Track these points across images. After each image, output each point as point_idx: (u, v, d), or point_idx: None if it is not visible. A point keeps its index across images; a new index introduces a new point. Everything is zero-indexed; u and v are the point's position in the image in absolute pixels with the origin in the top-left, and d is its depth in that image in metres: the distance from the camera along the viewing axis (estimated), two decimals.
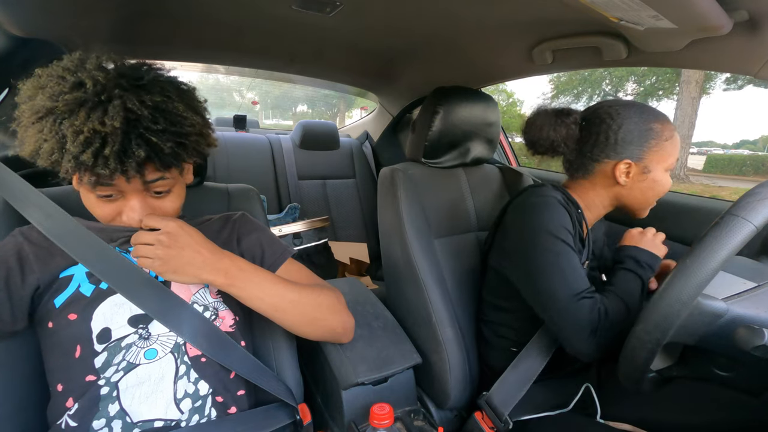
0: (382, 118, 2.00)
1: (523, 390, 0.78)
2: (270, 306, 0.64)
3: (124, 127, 0.51)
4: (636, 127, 0.75)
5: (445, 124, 1.05)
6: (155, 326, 0.61)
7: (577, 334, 0.68)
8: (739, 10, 0.65)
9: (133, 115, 0.51)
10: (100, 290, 0.61)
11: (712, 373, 0.58)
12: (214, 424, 0.63)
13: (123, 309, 0.60)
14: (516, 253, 0.78)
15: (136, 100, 0.51)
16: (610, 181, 0.78)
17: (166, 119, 0.54)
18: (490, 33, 1.06)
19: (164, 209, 0.62)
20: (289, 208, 1.75)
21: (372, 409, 0.61)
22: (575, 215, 0.77)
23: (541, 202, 0.76)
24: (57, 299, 0.59)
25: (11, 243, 0.61)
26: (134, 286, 0.60)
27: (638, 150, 0.75)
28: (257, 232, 0.75)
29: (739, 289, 0.55)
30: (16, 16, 0.74)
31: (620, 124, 0.75)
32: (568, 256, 0.71)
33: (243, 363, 0.65)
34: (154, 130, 0.52)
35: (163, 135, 0.53)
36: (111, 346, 0.58)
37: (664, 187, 0.78)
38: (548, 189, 0.79)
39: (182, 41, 1.29)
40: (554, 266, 0.71)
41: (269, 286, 0.64)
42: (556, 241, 0.71)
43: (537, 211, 0.75)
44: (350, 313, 0.75)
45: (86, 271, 0.61)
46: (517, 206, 0.81)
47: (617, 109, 0.77)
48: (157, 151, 0.53)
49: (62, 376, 0.59)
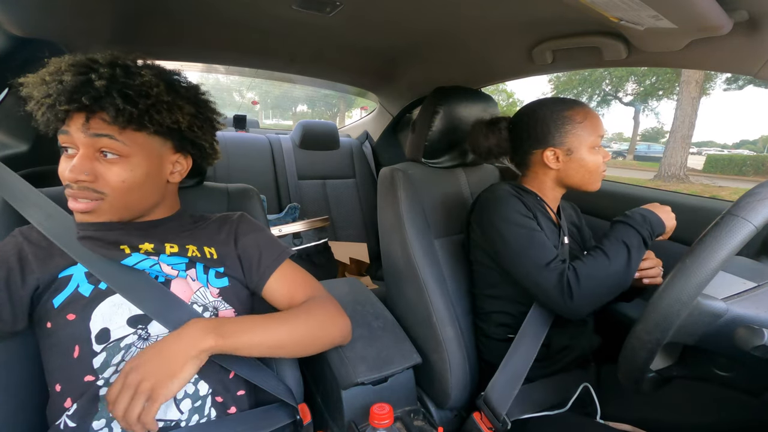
0: (382, 118, 2.00)
1: (516, 386, 0.78)
2: (270, 348, 0.62)
3: (88, 74, 0.54)
4: (550, 118, 0.85)
5: (445, 124, 1.05)
6: (154, 327, 0.61)
7: (550, 299, 0.75)
8: (739, 10, 0.65)
9: (106, 71, 0.55)
10: (99, 290, 0.60)
11: (712, 373, 0.58)
12: (214, 424, 0.63)
13: (122, 309, 0.60)
14: (489, 244, 0.86)
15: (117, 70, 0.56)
16: (545, 168, 0.88)
17: (127, 75, 0.56)
18: (490, 33, 1.06)
19: (107, 176, 0.58)
20: (289, 208, 1.75)
21: (372, 409, 0.61)
22: (532, 202, 0.86)
23: (492, 197, 0.86)
24: (56, 299, 0.59)
25: (11, 243, 0.61)
26: (133, 285, 0.60)
27: (557, 136, 0.84)
28: (255, 233, 0.74)
29: (739, 289, 0.55)
30: (16, 16, 0.74)
31: (536, 119, 0.87)
32: (529, 234, 0.79)
33: (243, 363, 0.65)
34: (116, 82, 0.55)
35: (115, 86, 0.55)
36: (110, 347, 0.58)
37: (594, 163, 0.84)
38: (498, 185, 0.89)
39: (182, 41, 1.29)
40: (517, 246, 0.79)
41: (261, 330, 0.61)
42: (511, 225, 0.80)
43: (491, 204, 0.85)
44: (345, 315, 0.74)
45: (85, 271, 0.61)
46: (478, 205, 0.90)
47: (533, 107, 0.89)
48: (108, 98, 0.54)
49: (61, 376, 0.59)
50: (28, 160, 0.95)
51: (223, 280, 0.69)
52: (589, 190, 0.87)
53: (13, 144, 0.97)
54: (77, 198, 0.58)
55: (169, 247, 0.65)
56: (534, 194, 0.89)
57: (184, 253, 0.66)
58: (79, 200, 0.58)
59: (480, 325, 0.95)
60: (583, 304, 0.73)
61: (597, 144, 0.84)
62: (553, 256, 0.77)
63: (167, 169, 0.66)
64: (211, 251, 0.69)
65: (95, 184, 0.58)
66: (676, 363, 0.63)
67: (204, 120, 0.66)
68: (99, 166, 0.58)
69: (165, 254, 0.65)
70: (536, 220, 0.83)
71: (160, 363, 0.53)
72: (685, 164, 9.38)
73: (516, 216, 0.81)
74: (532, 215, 0.83)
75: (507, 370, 0.81)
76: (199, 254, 0.68)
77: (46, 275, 0.60)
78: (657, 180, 9.32)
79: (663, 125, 15.56)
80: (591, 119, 0.84)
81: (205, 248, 0.69)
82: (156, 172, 0.63)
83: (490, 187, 0.89)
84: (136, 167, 0.60)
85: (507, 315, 0.88)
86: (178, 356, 0.54)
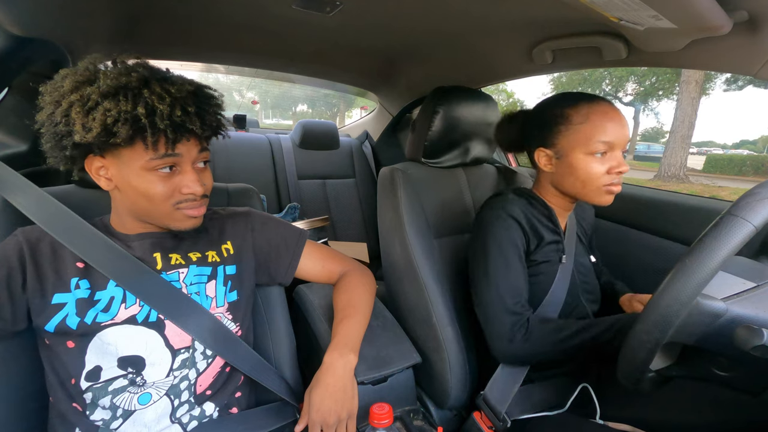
0: (382, 118, 2.00)
1: (516, 384, 0.78)
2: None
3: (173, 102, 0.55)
4: (547, 115, 0.79)
5: (445, 123, 1.05)
6: (149, 373, 0.60)
7: (493, 338, 0.76)
8: (739, 10, 0.65)
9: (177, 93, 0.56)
10: (85, 324, 0.59)
11: (712, 373, 0.58)
12: (215, 424, 0.63)
13: (111, 348, 0.59)
14: (471, 257, 0.84)
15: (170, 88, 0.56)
16: (542, 171, 0.83)
17: (199, 98, 0.58)
18: (490, 32, 1.06)
19: (208, 180, 0.65)
20: (289, 207, 1.75)
21: (371, 408, 0.61)
22: (538, 211, 0.82)
23: (493, 215, 0.81)
24: (47, 326, 0.58)
25: (13, 242, 0.61)
26: (139, 281, 0.60)
27: (548, 136, 0.78)
28: (271, 223, 0.78)
29: (739, 289, 0.55)
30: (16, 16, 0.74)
31: (534, 114, 0.82)
32: (508, 269, 0.77)
33: (247, 360, 0.66)
34: (197, 104, 0.58)
35: (203, 107, 0.59)
36: (97, 387, 0.58)
37: (587, 171, 0.74)
38: (505, 200, 0.82)
39: (182, 41, 1.29)
40: (492, 277, 0.77)
41: (359, 328, 0.74)
42: (497, 255, 0.78)
43: (487, 223, 0.81)
44: (371, 274, 0.85)
45: (77, 297, 0.59)
46: (479, 213, 0.86)
47: (540, 102, 0.84)
48: (203, 119, 0.58)
49: (54, 392, 0.60)
50: (28, 160, 0.95)
51: (233, 294, 0.69)
52: (593, 204, 0.79)
53: (13, 143, 0.97)
54: (201, 206, 0.63)
55: (194, 257, 0.68)
56: (542, 201, 0.84)
57: (205, 261, 0.68)
58: (202, 207, 0.64)
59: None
60: (520, 356, 0.76)
61: (598, 150, 0.73)
62: (519, 299, 0.76)
63: None
64: (227, 247, 0.72)
65: (206, 190, 0.63)
66: (676, 363, 0.63)
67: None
68: (199, 174, 0.62)
69: (194, 265, 0.67)
70: (537, 234, 0.80)
71: (337, 398, 0.64)
72: (685, 164, 9.39)
73: (504, 244, 0.78)
74: (523, 242, 0.79)
75: (507, 369, 0.81)
76: (218, 258, 0.69)
77: (37, 298, 0.58)
78: (657, 180, 9.33)
79: (663, 125, 15.59)
80: (594, 121, 0.73)
81: (222, 246, 0.71)
82: None
83: (493, 201, 0.85)
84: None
85: None
86: (347, 386, 0.66)
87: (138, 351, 0.60)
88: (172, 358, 0.61)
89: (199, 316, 0.62)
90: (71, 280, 0.59)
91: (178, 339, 0.62)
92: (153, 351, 0.60)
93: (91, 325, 0.58)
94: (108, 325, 0.59)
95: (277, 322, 0.79)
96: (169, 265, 0.65)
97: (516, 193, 0.84)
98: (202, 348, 0.64)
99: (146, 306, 0.61)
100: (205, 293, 0.66)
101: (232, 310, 0.68)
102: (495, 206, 0.82)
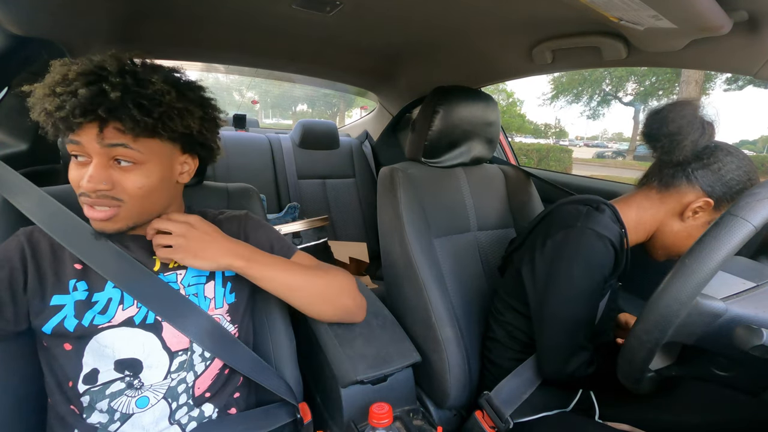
0: (382, 118, 2.00)
1: (529, 391, 0.78)
2: (283, 285, 0.68)
3: (100, 84, 0.52)
4: (737, 174, 0.70)
5: (445, 123, 1.05)
6: (147, 375, 0.60)
7: (550, 365, 0.75)
8: (739, 10, 0.65)
9: (118, 81, 0.53)
10: (82, 326, 0.58)
11: (711, 373, 0.58)
12: (214, 424, 0.63)
13: (108, 350, 0.59)
14: (543, 271, 0.75)
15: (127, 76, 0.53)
16: (674, 209, 0.74)
17: (139, 84, 0.54)
18: (490, 32, 1.06)
19: (124, 184, 0.57)
20: (289, 207, 1.75)
21: (371, 408, 0.61)
22: (622, 242, 0.72)
23: (593, 239, 0.70)
24: (45, 327, 0.58)
25: (14, 242, 0.61)
26: (137, 282, 0.60)
27: (724, 196, 0.70)
28: (264, 229, 0.76)
29: (738, 288, 0.55)
30: (16, 16, 0.74)
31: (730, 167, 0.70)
32: (590, 303, 0.72)
33: (246, 361, 0.66)
34: (129, 92, 0.53)
35: (130, 96, 0.52)
36: (94, 390, 0.58)
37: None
38: (604, 223, 0.71)
39: (182, 41, 1.29)
40: (570, 310, 0.71)
41: (282, 267, 0.68)
42: (584, 280, 0.70)
43: (583, 245, 0.70)
44: (362, 294, 0.79)
45: (76, 300, 0.59)
46: (566, 225, 0.74)
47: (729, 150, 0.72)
48: (123, 109, 0.52)
49: (52, 394, 0.60)
50: (27, 159, 0.95)
51: (232, 296, 0.69)
52: (655, 258, 0.80)
53: (13, 143, 0.97)
54: (95, 206, 0.57)
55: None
56: (625, 230, 0.75)
57: None
58: (97, 208, 0.57)
59: (494, 329, 0.91)
60: (564, 380, 0.75)
61: None
62: (588, 332, 0.73)
63: (177, 171, 0.65)
64: None
65: (113, 192, 0.56)
66: (676, 363, 0.64)
67: (210, 120, 0.66)
68: (114, 173, 0.56)
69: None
70: (618, 265, 0.73)
71: (199, 242, 0.62)
72: None
73: (595, 265, 0.69)
74: (610, 270, 0.71)
75: (522, 374, 0.81)
76: None
77: (37, 299, 0.58)
78: None
79: None
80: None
81: None
82: (168, 175, 0.62)
83: (592, 220, 0.72)
84: (151, 173, 0.59)
85: (526, 334, 0.85)
86: (213, 252, 0.63)
87: (135, 354, 0.59)
88: (170, 360, 0.61)
89: (196, 318, 0.62)
90: (69, 282, 0.59)
91: (176, 341, 0.62)
92: (150, 353, 0.60)
93: (88, 328, 0.58)
94: (105, 327, 0.58)
95: (277, 322, 0.79)
96: (166, 266, 0.65)
97: (611, 210, 0.75)
98: (200, 350, 0.63)
99: (144, 308, 0.61)
100: (204, 294, 0.66)
101: (232, 312, 0.68)
102: (594, 226, 0.71)
